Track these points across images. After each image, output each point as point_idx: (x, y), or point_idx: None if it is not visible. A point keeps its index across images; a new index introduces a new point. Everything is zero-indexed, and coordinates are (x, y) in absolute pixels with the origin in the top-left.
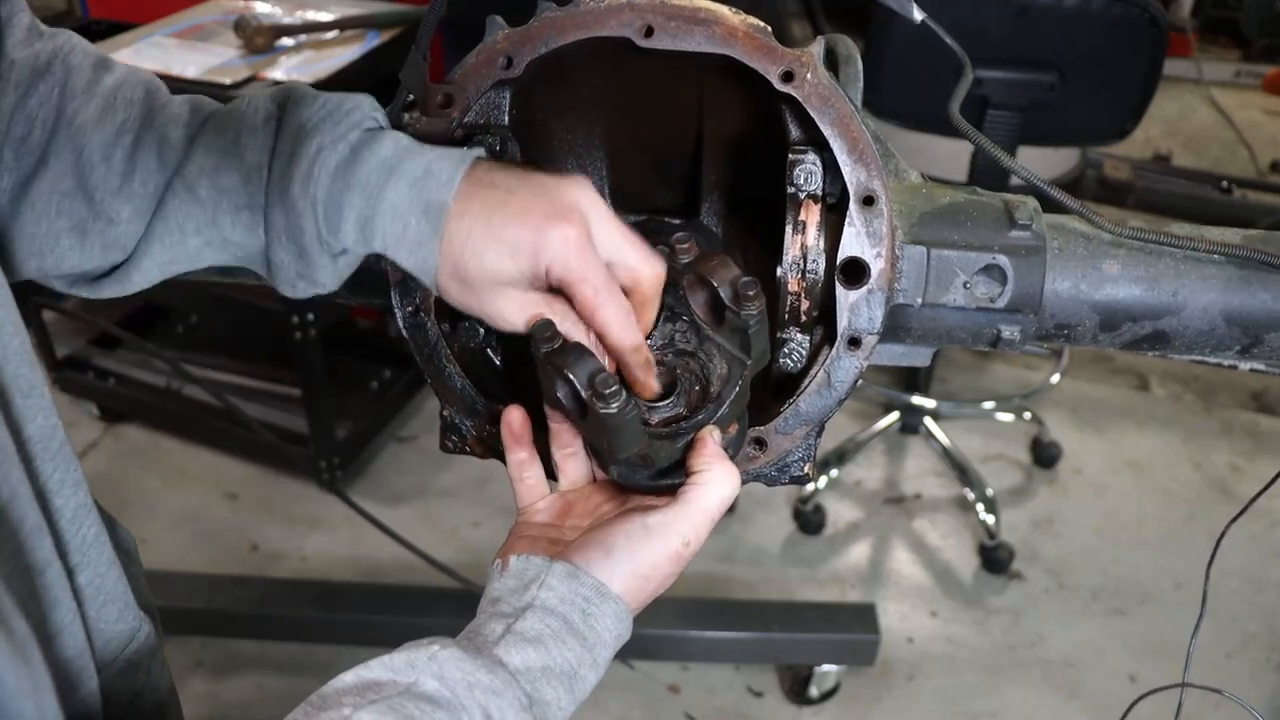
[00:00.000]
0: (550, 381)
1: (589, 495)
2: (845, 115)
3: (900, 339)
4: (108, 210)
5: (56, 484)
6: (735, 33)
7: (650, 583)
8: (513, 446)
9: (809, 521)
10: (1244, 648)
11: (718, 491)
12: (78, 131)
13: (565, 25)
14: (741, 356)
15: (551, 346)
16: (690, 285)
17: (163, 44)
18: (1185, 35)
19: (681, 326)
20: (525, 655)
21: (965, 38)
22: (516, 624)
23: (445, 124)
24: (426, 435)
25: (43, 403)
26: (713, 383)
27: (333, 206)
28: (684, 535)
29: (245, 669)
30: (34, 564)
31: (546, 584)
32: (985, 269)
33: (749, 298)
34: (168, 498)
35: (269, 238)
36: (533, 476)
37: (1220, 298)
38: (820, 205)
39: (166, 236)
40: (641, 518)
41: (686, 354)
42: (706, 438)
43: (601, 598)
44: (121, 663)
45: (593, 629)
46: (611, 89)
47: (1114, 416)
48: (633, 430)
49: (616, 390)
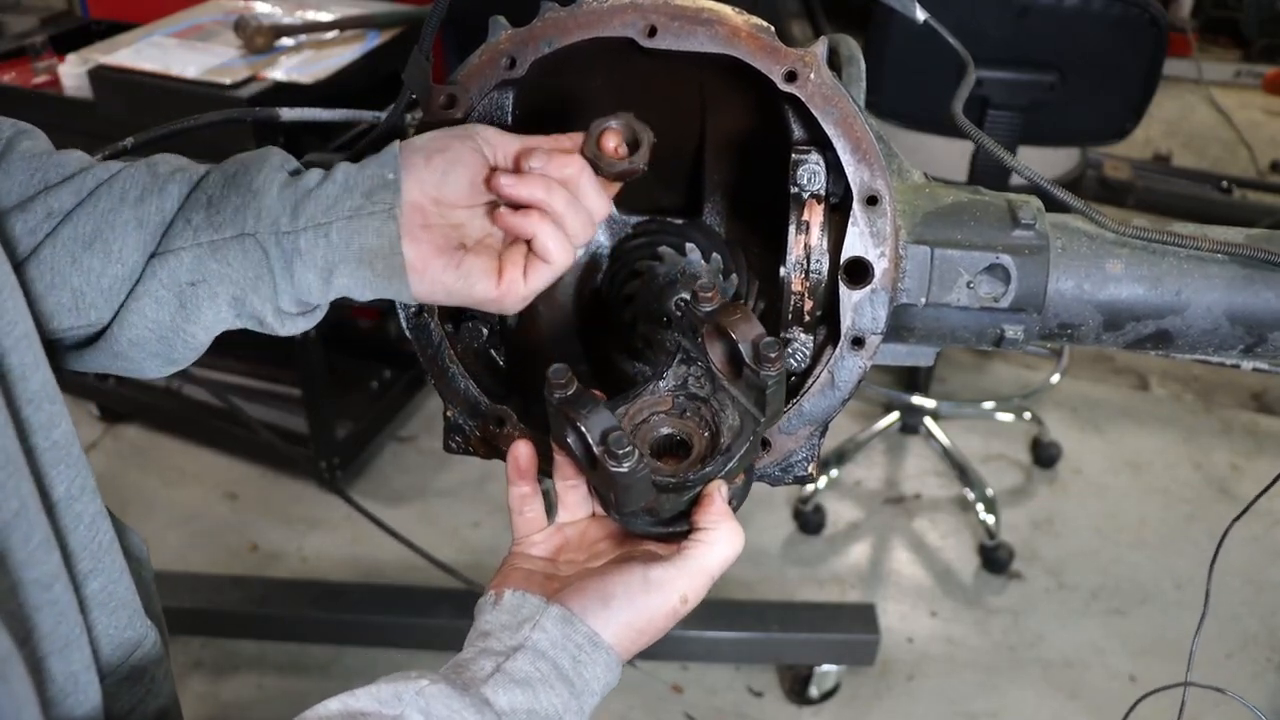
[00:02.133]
0: (561, 427)
1: (586, 530)
2: (848, 115)
3: (904, 339)
4: (48, 204)
5: (77, 490)
6: (738, 33)
7: (644, 635)
8: (516, 480)
9: (809, 521)
10: (1244, 648)
11: (721, 552)
12: (34, 158)
13: (568, 25)
14: (756, 413)
15: (565, 394)
16: (710, 335)
17: (163, 44)
18: (1185, 35)
19: (696, 371)
20: (512, 697)
21: (965, 38)
22: (506, 664)
23: (448, 124)
24: (426, 435)
25: (64, 410)
26: (723, 433)
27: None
28: (683, 592)
29: (245, 669)
30: (40, 578)
31: (540, 626)
32: (989, 269)
33: (770, 359)
34: (168, 498)
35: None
36: (533, 510)
37: (1224, 297)
38: (823, 205)
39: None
40: (643, 570)
41: (698, 399)
42: (714, 493)
43: (594, 647)
44: (126, 670)
45: (582, 677)
46: (614, 89)
47: (1114, 416)
48: (642, 487)
49: (630, 451)
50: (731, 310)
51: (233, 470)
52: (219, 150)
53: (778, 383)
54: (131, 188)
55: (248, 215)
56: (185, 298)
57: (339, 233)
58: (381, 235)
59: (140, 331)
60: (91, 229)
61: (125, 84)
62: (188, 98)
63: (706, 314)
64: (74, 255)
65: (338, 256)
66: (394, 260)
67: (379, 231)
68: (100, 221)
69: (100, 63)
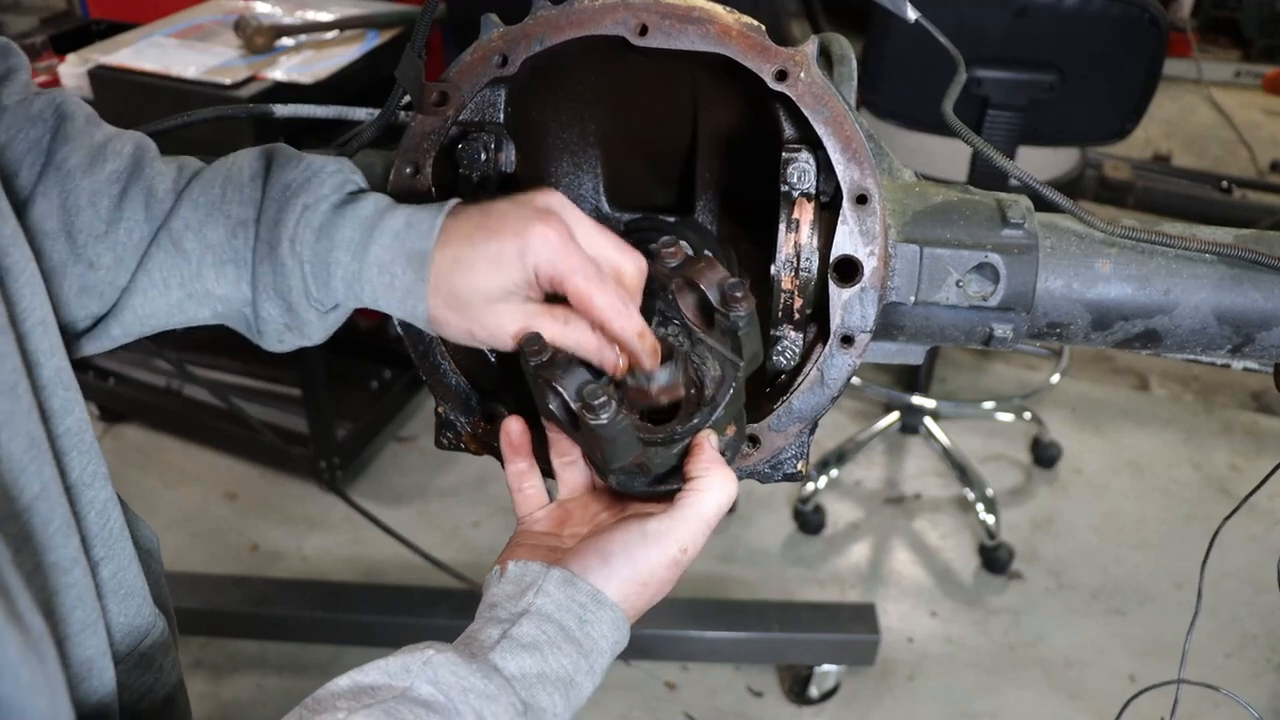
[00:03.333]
0: (542, 394)
1: (587, 503)
2: (839, 114)
3: (893, 337)
4: (89, 254)
5: (89, 477)
6: (729, 31)
7: (648, 589)
8: (512, 457)
9: (809, 521)
10: (1243, 648)
11: (715, 498)
12: (66, 175)
13: (560, 23)
14: (734, 358)
15: (540, 359)
16: (679, 289)
17: (163, 44)
18: (1185, 35)
19: (673, 330)
20: (521, 661)
21: (965, 38)
22: (512, 630)
23: (440, 122)
24: (426, 435)
25: (78, 397)
26: (707, 385)
27: (319, 265)
28: (681, 542)
29: (245, 669)
30: (60, 561)
31: (543, 590)
32: (978, 267)
33: (737, 299)
34: (168, 498)
35: (256, 293)
36: (532, 486)
37: (1211, 296)
38: (814, 203)
39: (150, 289)
40: (639, 524)
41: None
42: (704, 442)
43: (598, 605)
44: (136, 657)
45: (589, 636)
46: (606, 87)
47: (1114, 416)
48: (626, 440)
49: (605, 401)
50: (695, 261)
51: (233, 470)
52: (219, 149)
53: (749, 322)
54: (171, 274)
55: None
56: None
57: (369, 293)
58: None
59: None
60: (148, 311)
61: (125, 84)
62: (188, 98)
63: (672, 269)
64: (140, 328)
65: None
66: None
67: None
68: (154, 306)
69: (100, 63)
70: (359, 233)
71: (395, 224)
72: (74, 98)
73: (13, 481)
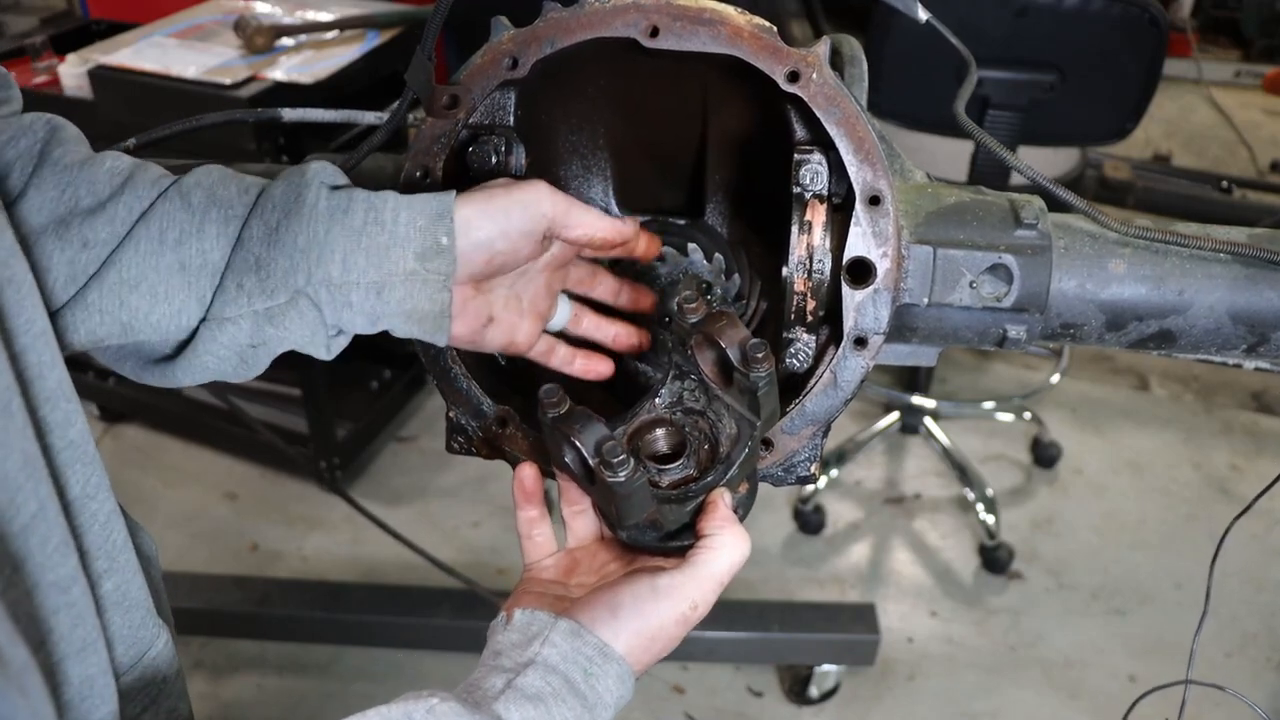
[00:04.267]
0: (558, 446)
1: (596, 552)
2: (851, 115)
3: (906, 339)
4: (82, 235)
5: (92, 490)
6: (741, 33)
7: (655, 644)
8: (523, 504)
9: (809, 521)
10: (1244, 648)
11: (728, 557)
12: (64, 170)
13: (571, 26)
14: (751, 417)
15: (558, 412)
16: (698, 345)
17: (163, 44)
18: (1185, 35)
19: (690, 385)
20: (524, 712)
21: (965, 38)
22: (517, 680)
23: (451, 125)
24: (426, 435)
25: (79, 409)
26: (722, 443)
27: (332, 316)
28: (692, 599)
29: (245, 669)
30: (59, 580)
31: (549, 640)
32: (991, 268)
33: (757, 360)
34: (168, 498)
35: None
36: (542, 534)
37: (1226, 296)
38: (826, 205)
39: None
40: (650, 579)
41: (695, 413)
42: (718, 501)
43: (605, 658)
44: (139, 670)
45: (594, 690)
46: (617, 89)
47: (1114, 416)
48: (641, 497)
49: (624, 460)
50: (717, 318)
51: (233, 470)
52: (221, 149)
53: (768, 383)
54: (169, 227)
55: (298, 275)
56: (246, 355)
57: (392, 292)
58: (434, 303)
59: (201, 375)
60: (136, 273)
61: (125, 84)
62: (188, 98)
63: (693, 325)
64: (121, 298)
65: (388, 310)
66: (442, 322)
67: (432, 299)
68: (144, 266)
69: (100, 63)
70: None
71: (396, 213)
72: (66, 122)
73: (8, 502)
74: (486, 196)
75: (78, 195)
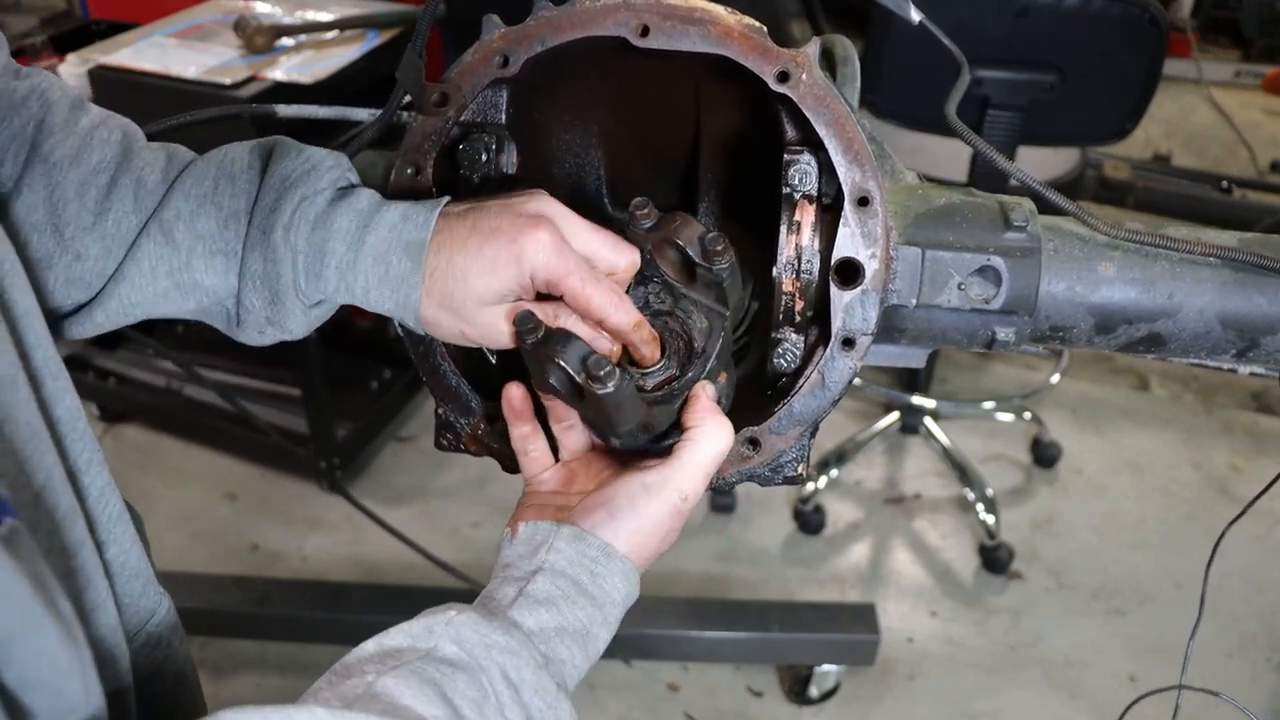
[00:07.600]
0: (541, 369)
1: (590, 461)
2: (840, 116)
3: (895, 340)
4: (76, 246)
5: (85, 463)
6: (731, 33)
7: (654, 539)
8: (515, 421)
9: (809, 521)
10: (1244, 648)
11: (711, 445)
12: (53, 167)
13: (562, 24)
14: (719, 309)
15: (536, 337)
16: (657, 248)
17: (163, 44)
18: (1185, 35)
19: (654, 288)
20: (539, 616)
21: (965, 38)
22: (528, 587)
23: (442, 122)
24: (426, 435)
25: (69, 385)
26: (695, 338)
27: (314, 254)
28: (681, 490)
29: (245, 669)
30: (69, 545)
31: (554, 547)
32: (980, 270)
33: (718, 252)
34: (168, 498)
35: (242, 282)
36: (537, 449)
37: (1216, 301)
38: (815, 205)
39: (137, 278)
40: (640, 477)
41: (664, 314)
42: (700, 393)
43: (608, 558)
44: (145, 636)
45: (601, 588)
46: (608, 88)
47: (1114, 416)
48: (632, 404)
49: (611, 370)
50: (670, 219)
51: (233, 470)
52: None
53: (731, 273)
54: (159, 263)
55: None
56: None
57: (361, 283)
58: (404, 308)
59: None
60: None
61: (125, 84)
62: (188, 98)
63: (648, 230)
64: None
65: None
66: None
67: (402, 303)
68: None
69: (100, 63)
70: (355, 223)
71: (391, 216)
72: (56, 82)
73: (19, 470)
74: (478, 243)
75: (67, 204)
